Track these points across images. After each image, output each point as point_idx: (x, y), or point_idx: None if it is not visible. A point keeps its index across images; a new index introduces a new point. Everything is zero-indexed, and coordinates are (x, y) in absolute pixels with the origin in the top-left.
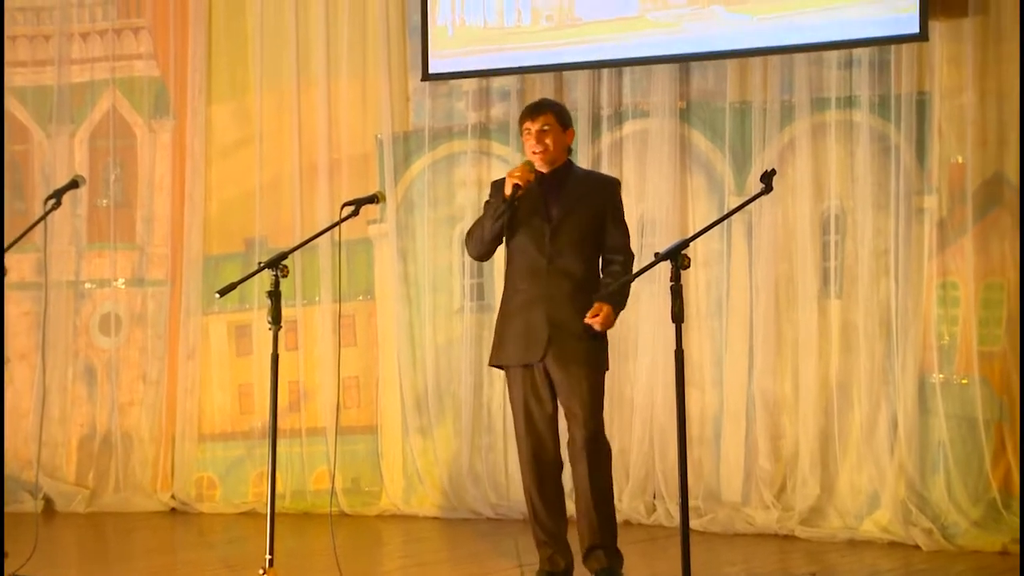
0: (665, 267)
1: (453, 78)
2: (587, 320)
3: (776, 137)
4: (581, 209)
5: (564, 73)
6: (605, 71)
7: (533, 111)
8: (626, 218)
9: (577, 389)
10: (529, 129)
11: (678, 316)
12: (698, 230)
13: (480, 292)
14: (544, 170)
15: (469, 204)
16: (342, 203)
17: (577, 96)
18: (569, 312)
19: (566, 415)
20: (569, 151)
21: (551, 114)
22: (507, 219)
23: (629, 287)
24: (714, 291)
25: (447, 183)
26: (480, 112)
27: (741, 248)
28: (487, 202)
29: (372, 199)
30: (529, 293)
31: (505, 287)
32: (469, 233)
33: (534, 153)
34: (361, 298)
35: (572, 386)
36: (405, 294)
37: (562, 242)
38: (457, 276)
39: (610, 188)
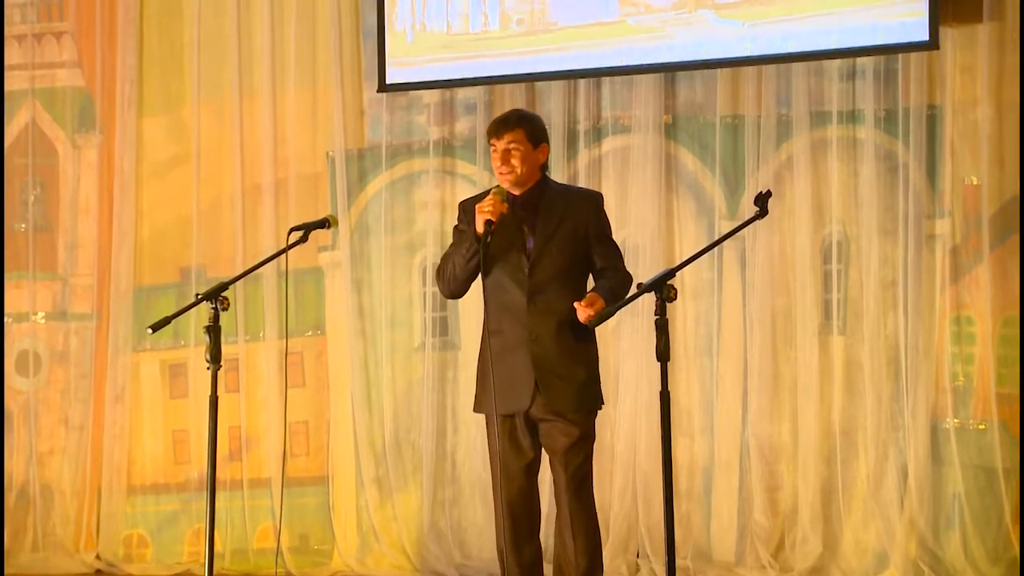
0: (649, 300)
1: (413, 89)
2: (577, 305)
3: (772, 155)
4: (561, 233)
5: (537, 84)
6: (582, 82)
7: (498, 127)
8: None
9: (565, 436)
10: (495, 147)
11: (663, 354)
12: (686, 258)
13: (443, 328)
14: (515, 192)
15: (431, 229)
16: (289, 228)
17: (551, 109)
18: (555, 352)
19: (551, 461)
20: (544, 167)
21: (519, 130)
22: (478, 258)
23: (619, 299)
24: (704, 326)
25: (406, 206)
26: (443, 127)
27: (733, 279)
28: (456, 227)
29: (323, 223)
30: (510, 335)
31: (484, 327)
32: (439, 270)
33: (500, 175)
34: (310, 334)
35: (559, 433)
36: (359, 329)
37: (543, 275)
38: (418, 310)
39: (591, 203)
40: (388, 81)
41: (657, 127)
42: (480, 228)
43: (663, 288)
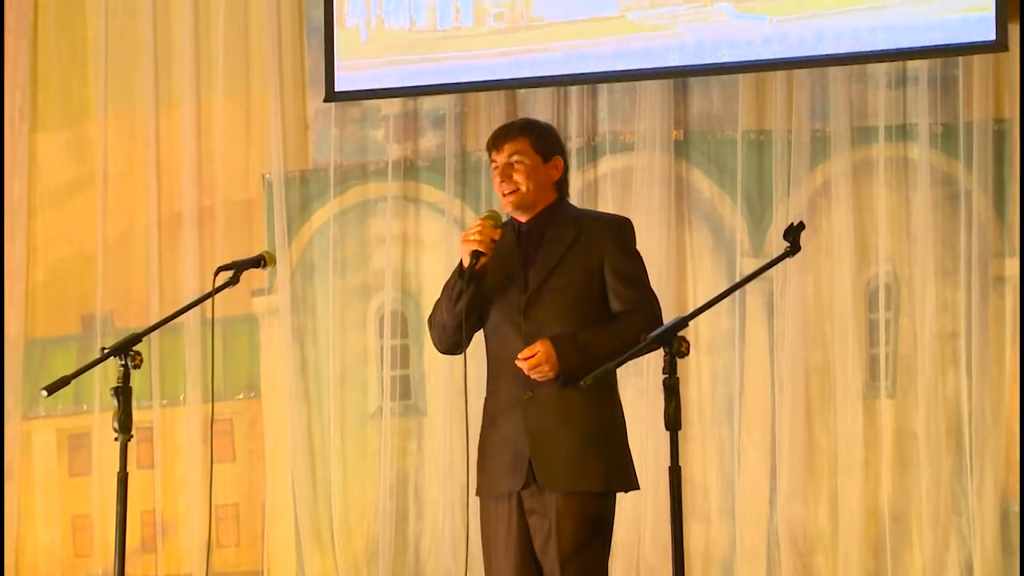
0: (656, 355)
1: (368, 98)
2: (517, 360)
3: (805, 179)
4: (567, 265)
5: (519, 92)
6: (574, 89)
7: (498, 137)
8: None
9: (563, 530)
10: (495, 162)
11: (674, 421)
12: (700, 305)
13: (405, 389)
14: (521, 217)
15: (390, 269)
16: (216, 267)
17: None
18: (557, 417)
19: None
20: (560, 186)
21: (523, 139)
22: (470, 297)
23: (608, 352)
24: (723, 387)
25: (360, 240)
26: (405, 144)
27: (759, 329)
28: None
29: (257, 262)
30: (504, 394)
31: (487, 382)
32: (431, 319)
33: (502, 196)
34: (242, 397)
35: (554, 527)
36: (302, 391)
37: (542, 316)
38: (374, 367)
39: (611, 230)
40: (338, 88)
41: (665, 144)
42: (465, 262)
43: (673, 341)
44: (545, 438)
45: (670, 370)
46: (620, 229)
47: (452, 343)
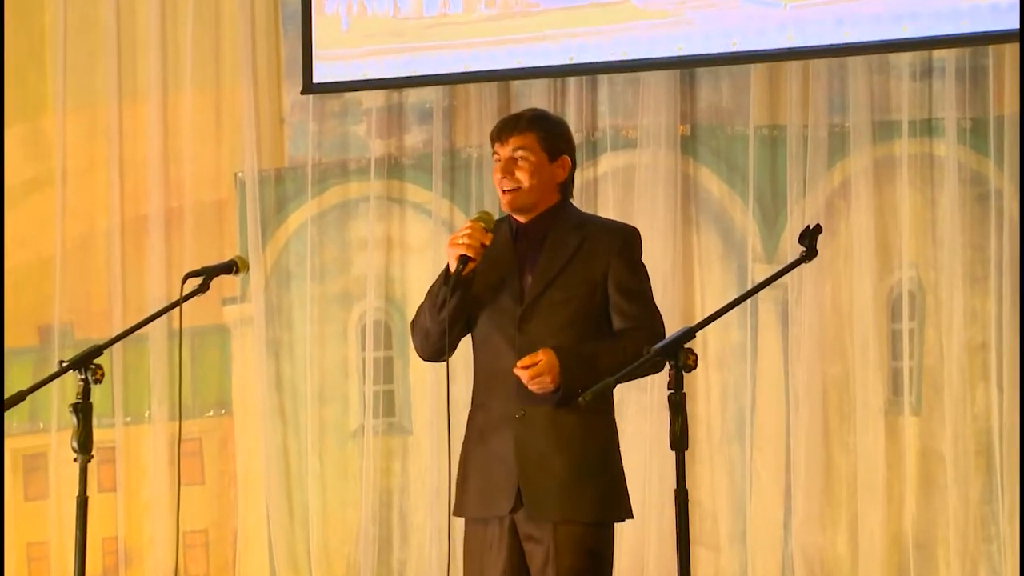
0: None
1: (349, 90)
2: (516, 368)
3: (822, 178)
4: (568, 276)
5: (513, 84)
6: (572, 81)
7: (503, 129)
8: None
9: (561, 562)
10: (498, 155)
11: (680, 441)
12: (709, 315)
13: (389, 405)
14: (520, 218)
15: (372, 275)
16: (185, 274)
17: None
18: (549, 440)
19: None
20: (564, 188)
21: (531, 134)
22: (456, 305)
23: (612, 369)
24: (733, 404)
25: (340, 244)
26: (389, 140)
27: (772, 340)
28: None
29: (229, 267)
30: (495, 410)
31: (472, 395)
32: (413, 323)
33: (502, 192)
34: (212, 414)
35: (552, 556)
36: (277, 407)
37: (539, 329)
38: (355, 381)
39: (617, 239)
40: (316, 79)
41: (671, 140)
42: (452, 266)
43: (679, 354)
44: (535, 462)
45: (676, 385)
46: (627, 239)
47: (435, 351)
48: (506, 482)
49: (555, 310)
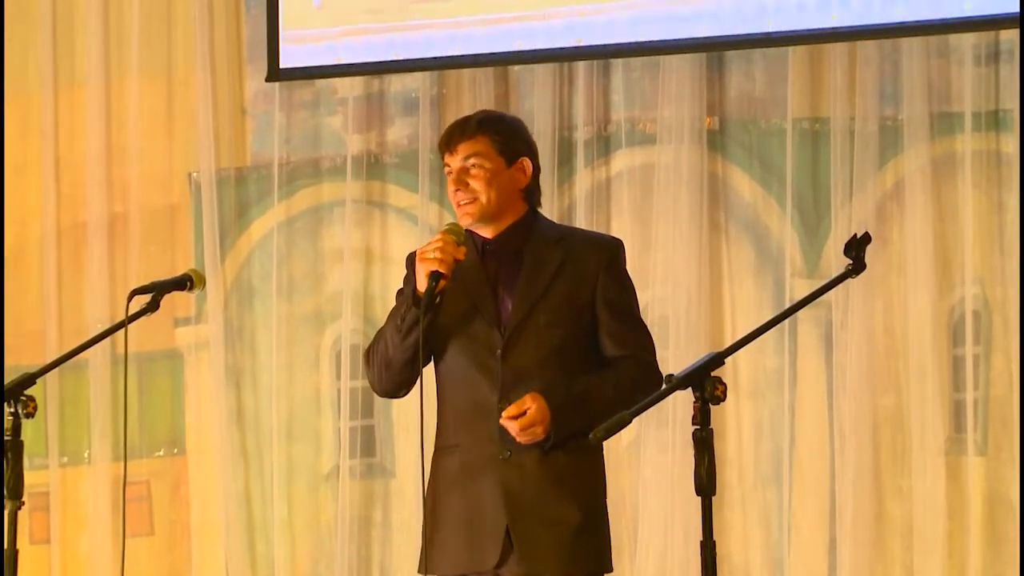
0: (685, 402)
1: (322, 76)
2: (502, 420)
3: (872, 179)
4: (555, 297)
5: (513, 70)
6: (582, 66)
7: (451, 136)
8: None
9: None
10: (448, 166)
11: (706, 485)
12: (740, 338)
13: (368, 443)
14: (484, 232)
15: (349, 291)
16: (130, 291)
17: (534, 108)
18: (541, 485)
19: None
20: (530, 195)
21: (481, 137)
22: (424, 328)
23: (606, 408)
24: (768, 441)
25: (312, 255)
26: (369, 135)
27: (814, 367)
28: (400, 292)
29: (182, 283)
30: (472, 452)
31: (436, 440)
32: (368, 353)
33: (458, 206)
34: (162, 453)
35: None
36: (239, 446)
37: (525, 359)
38: (329, 415)
39: (603, 255)
40: (283, 64)
41: (696, 135)
42: (421, 285)
43: (706, 383)
44: (527, 509)
45: (702, 420)
46: (615, 254)
47: (398, 383)
48: (492, 533)
49: (541, 336)
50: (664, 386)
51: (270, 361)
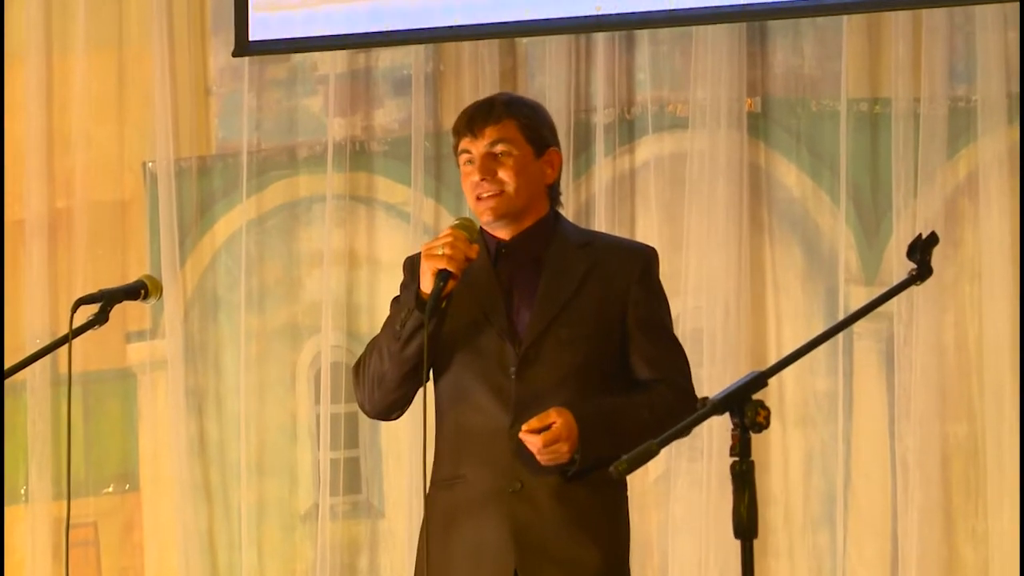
0: (721, 429)
1: (299, 50)
2: (523, 433)
3: (941, 170)
4: (579, 310)
5: (521, 43)
6: (601, 39)
7: (476, 118)
8: None
9: None
10: (468, 152)
11: (747, 527)
12: (787, 354)
13: (352, 477)
14: (501, 233)
15: (331, 300)
16: (75, 300)
17: (546, 86)
18: (556, 522)
19: None
20: (554, 193)
21: (509, 122)
22: (422, 339)
23: (639, 435)
24: (820, 475)
25: (287, 258)
26: (354, 118)
27: (873, 390)
28: (395, 299)
29: (135, 291)
30: (477, 484)
31: (433, 472)
32: (357, 368)
33: (478, 199)
34: (112, 490)
35: None
36: (201, 481)
37: (542, 380)
38: (306, 445)
39: (636, 264)
40: (253, 36)
41: (735, 119)
42: (426, 285)
43: (745, 408)
44: (539, 548)
45: (741, 451)
46: (649, 263)
47: (391, 403)
48: (499, 573)
49: (562, 353)
50: (698, 410)
51: (238, 382)
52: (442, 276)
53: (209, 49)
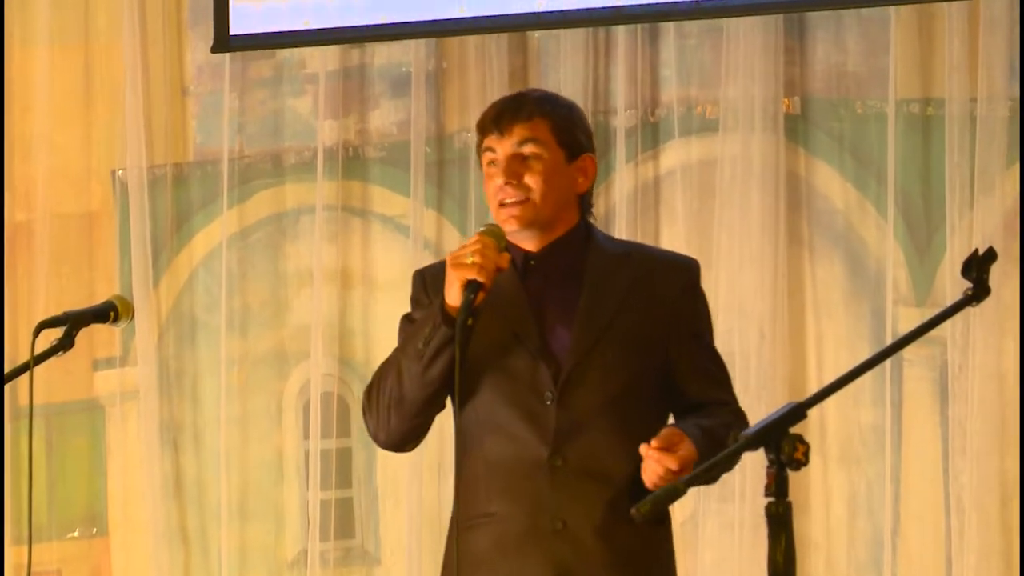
0: (756, 466)
1: (286, 45)
2: (645, 450)
3: (999, 178)
4: (621, 331)
5: (533, 37)
6: (621, 33)
7: (504, 115)
8: None
9: None
10: (493, 152)
11: (784, 574)
12: (828, 383)
13: (346, 520)
14: (527, 245)
15: (323, 324)
16: (37, 323)
17: (559, 87)
18: (603, 565)
19: None
20: (585, 202)
21: (543, 122)
22: (449, 358)
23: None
24: (866, 518)
25: (272, 277)
26: (347, 120)
27: (925, 423)
28: (406, 317)
29: (104, 313)
30: (512, 522)
31: (456, 511)
32: (369, 392)
33: (501, 205)
34: (78, 534)
35: None
36: (177, 524)
37: (584, 406)
38: (294, 484)
39: (680, 279)
40: (234, 31)
41: (770, 121)
42: (453, 297)
43: (782, 443)
44: None
45: (778, 491)
46: (693, 277)
47: (408, 430)
48: None
49: (607, 375)
50: (732, 445)
51: (218, 414)
52: (471, 287)
53: (186, 44)
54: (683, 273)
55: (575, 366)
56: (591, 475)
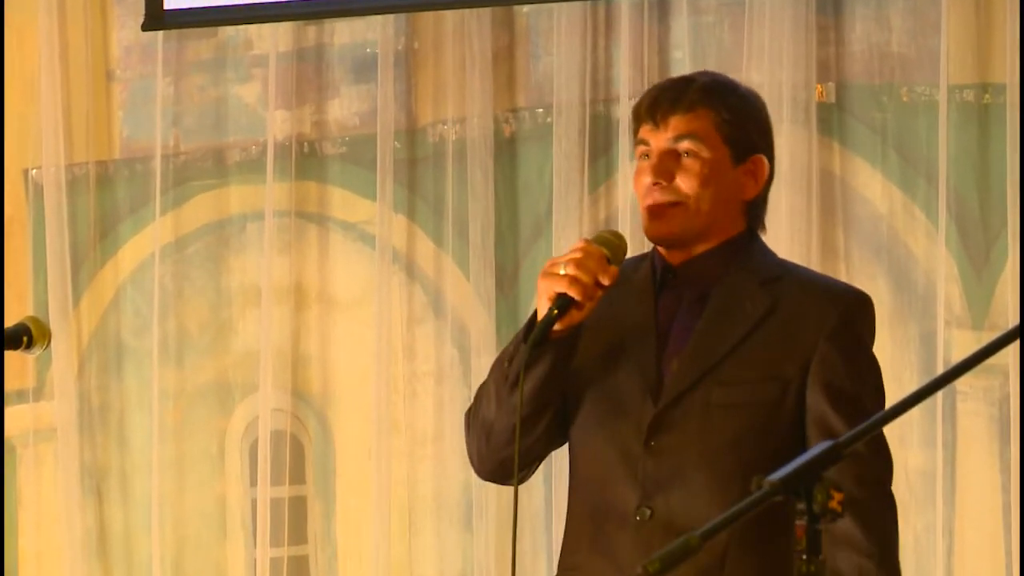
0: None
1: (228, 22)
2: None
3: None
4: (742, 363)
5: (521, 11)
6: (625, 7)
7: (660, 100)
8: None
9: None
10: (646, 145)
11: None
12: (871, 419)
13: None
14: (673, 258)
15: (272, 351)
16: None
17: (553, 71)
18: None
19: None
20: (754, 211)
21: (706, 112)
22: (542, 380)
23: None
24: (916, 571)
25: (213, 294)
26: (301, 110)
27: (983, 464)
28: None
29: (16, 338)
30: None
31: (561, 556)
32: (471, 414)
33: (647, 208)
34: None
35: None
36: None
37: (681, 452)
38: (238, 539)
39: (837, 310)
40: (169, 4)
41: (801, 111)
42: (542, 310)
43: (814, 490)
44: None
45: (809, 546)
46: (851, 314)
47: (501, 460)
48: None
49: (712, 419)
50: (754, 493)
51: (149, 457)
52: (559, 302)
53: (112, 21)
54: (836, 306)
55: (671, 404)
56: (677, 534)
